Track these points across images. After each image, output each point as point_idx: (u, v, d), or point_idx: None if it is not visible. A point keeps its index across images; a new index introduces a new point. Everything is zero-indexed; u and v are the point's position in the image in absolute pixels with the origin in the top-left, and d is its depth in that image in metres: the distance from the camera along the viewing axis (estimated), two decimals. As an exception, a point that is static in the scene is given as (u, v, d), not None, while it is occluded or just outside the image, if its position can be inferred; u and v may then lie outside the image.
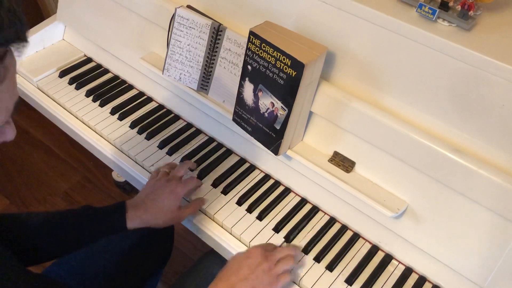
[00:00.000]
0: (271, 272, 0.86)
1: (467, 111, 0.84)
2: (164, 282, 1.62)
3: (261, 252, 0.87)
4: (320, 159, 0.99)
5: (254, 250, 0.88)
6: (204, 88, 1.12)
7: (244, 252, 0.89)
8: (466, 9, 0.81)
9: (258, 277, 0.84)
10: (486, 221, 0.83)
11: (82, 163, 2.10)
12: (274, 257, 0.88)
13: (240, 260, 0.86)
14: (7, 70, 0.50)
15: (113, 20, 1.29)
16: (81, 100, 1.26)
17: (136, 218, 0.94)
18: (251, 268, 0.84)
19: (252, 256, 0.86)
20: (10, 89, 0.52)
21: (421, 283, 0.92)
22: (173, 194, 0.97)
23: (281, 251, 0.90)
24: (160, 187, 0.98)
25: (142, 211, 0.95)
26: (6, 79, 0.50)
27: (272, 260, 0.87)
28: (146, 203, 0.96)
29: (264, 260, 0.86)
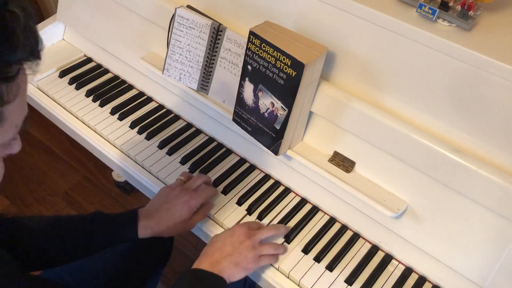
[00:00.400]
0: (254, 251, 0.88)
1: (467, 111, 0.84)
2: (164, 282, 1.63)
3: (244, 230, 0.90)
4: (320, 159, 0.99)
5: (238, 228, 0.90)
6: (204, 88, 1.12)
7: (228, 229, 0.92)
8: (466, 9, 0.81)
9: (242, 254, 0.86)
10: (486, 221, 0.83)
11: (82, 163, 2.10)
12: (257, 236, 0.90)
13: (225, 237, 0.89)
14: (19, 87, 0.49)
15: (113, 20, 1.29)
16: (81, 100, 1.26)
17: (148, 228, 0.93)
18: (235, 246, 0.87)
19: (236, 234, 0.89)
20: (21, 106, 0.52)
21: (421, 283, 0.92)
22: (187, 205, 0.96)
23: (266, 230, 0.93)
24: (174, 198, 0.97)
25: (155, 222, 0.93)
26: (17, 96, 0.49)
27: (256, 239, 0.89)
28: (160, 213, 0.95)
29: (247, 238, 0.89)
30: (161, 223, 0.94)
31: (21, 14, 0.47)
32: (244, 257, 0.86)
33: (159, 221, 0.94)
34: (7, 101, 0.47)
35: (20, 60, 0.48)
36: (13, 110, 0.49)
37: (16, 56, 0.46)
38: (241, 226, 0.91)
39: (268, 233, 0.93)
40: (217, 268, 0.83)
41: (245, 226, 0.91)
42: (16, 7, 0.46)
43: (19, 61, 0.48)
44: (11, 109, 0.49)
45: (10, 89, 0.47)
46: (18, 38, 0.46)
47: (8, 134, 0.51)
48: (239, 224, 0.93)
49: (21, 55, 0.47)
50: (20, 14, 0.47)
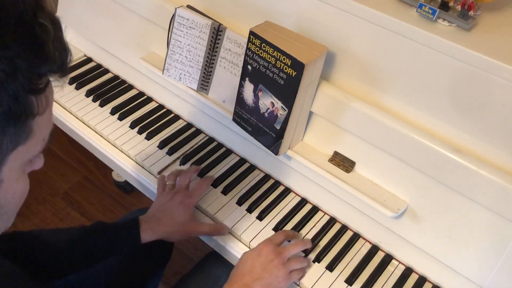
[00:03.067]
0: (284, 269, 0.86)
1: (467, 111, 0.84)
2: (164, 283, 1.62)
3: (272, 248, 0.87)
4: (320, 159, 0.99)
5: (265, 247, 0.87)
6: (204, 88, 1.12)
7: (254, 249, 0.89)
8: (466, 9, 0.81)
9: (272, 275, 0.84)
10: (486, 221, 0.83)
11: (82, 163, 2.10)
12: (286, 253, 0.88)
13: (253, 258, 0.86)
14: (47, 100, 0.49)
15: (113, 20, 1.29)
16: (81, 100, 1.26)
17: (149, 230, 0.93)
18: (264, 266, 0.84)
19: (263, 253, 0.86)
20: (48, 119, 0.51)
21: (421, 283, 0.92)
22: (183, 205, 0.96)
23: (293, 247, 0.90)
24: (168, 201, 0.97)
25: (155, 223, 0.94)
26: (46, 110, 0.49)
27: (284, 256, 0.87)
28: (158, 216, 0.95)
29: (276, 256, 0.86)
30: (161, 225, 0.94)
31: (50, 26, 0.46)
32: (275, 277, 0.84)
33: (159, 224, 0.94)
34: (37, 113, 0.47)
35: (50, 72, 0.47)
36: (42, 123, 0.48)
37: (46, 68, 0.46)
38: (268, 244, 0.88)
39: (296, 250, 0.91)
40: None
41: (272, 243, 0.88)
42: (45, 19, 0.46)
43: (49, 73, 0.47)
44: (39, 122, 0.48)
45: (40, 101, 0.47)
46: (48, 50, 0.45)
47: (37, 148, 0.50)
48: (264, 241, 0.89)
49: (51, 67, 0.46)
50: (50, 26, 0.46)
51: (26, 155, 0.49)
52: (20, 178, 0.51)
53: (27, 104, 0.45)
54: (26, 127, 0.46)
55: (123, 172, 1.14)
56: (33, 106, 0.46)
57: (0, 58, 0.42)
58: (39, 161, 0.54)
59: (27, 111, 0.45)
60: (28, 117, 0.46)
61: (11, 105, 0.43)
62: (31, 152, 0.49)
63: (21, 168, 0.50)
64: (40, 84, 0.46)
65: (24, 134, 0.46)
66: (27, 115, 0.45)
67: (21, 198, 0.52)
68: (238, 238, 0.98)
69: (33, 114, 0.46)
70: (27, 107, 0.45)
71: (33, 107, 0.46)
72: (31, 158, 0.51)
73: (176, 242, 1.12)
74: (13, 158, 0.47)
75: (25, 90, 0.44)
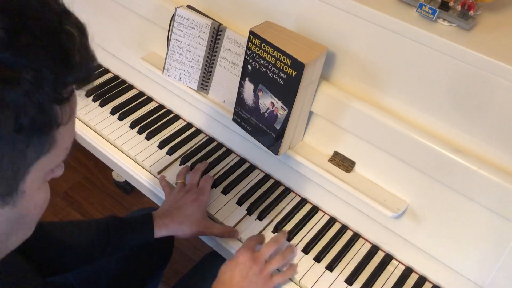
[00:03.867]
0: (263, 274, 0.85)
1: (467, 111, 0.84)
2: (164, 283, 1.62)
3: (248, 255, 0.86)
4: (320, 159, 0.99)
5: (241, 255, 0.86)
6: (204, 88, 1.12)
7: (232, 259, 0.87)
8: (466, 9, 0.81)
9: (252, 282, 0.84)
10: (486, 221, 0.83)
11: (82, 163, 2.10)
12: (262, 257, 0.87)
13: (231, 269, 0.85)
14: (71, 109, 0.47)
15: (113, 19, 1.29)
16: (81, 100, 1.25)
17: (163, 226, 0.93)
18: (243, 275, 0.84)
19: (240, 261, 0.85)
20: (71, 129, 0.49)
21: (421, 283, 0.92)
22: (196, 202, 0.97)
23: (267, 248, 0.89)
24: (181, 198, 0.98)
25: (169, 219, 0.94)
26: (71, 119, 0.47)
27: (261, 261, 0.86)
28: (171, 212, 0.96)
29: (253, 263, 0.85)
30: (175, 220, 0.94)
31: (76, 33, 0.45)
32: (255, 284, 0.84)
33: (172, 219, 0.94)
34: (60, 123, 0.45)
35: (75, 81, 0.46)
36: (65, 132, 0.47)
37: (72, 78, 0.44)
38: (244, 252, 0.87)
39: (270, 249, 0.89)
40: None
41: (247, 249, 0.87)
42: (71, 26, 0.45)
43: (74, 82, 0.46)
44: (62, 131, 0.46)
45: (64, 111, 0.45)
46: (74, 59, 0.44)
47: (60, 157, 0.48)
48: (240, 249, 0.88)
49: (77, 76, 0.45)
50: (76, 33, 0.45)
51: (48, 165, 0.47)
52: (42, 187, 0.49)
53: (52, 115, 0.43)
54: (49, 138, 0.45)
55: (123, 172, 1.14)
56: (57, 116, 0.44)
57: (27, 69, 0.40)
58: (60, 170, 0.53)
59: (51, 121, 0.44)
60: (53, 128, 0.44)
61: (36, 116, 0.41)
62: (53, 162, 0.48)
63: (43, 178, 0.49)
64: (65, 94, 0.44)
65: (47, 144, 0.45)
66: (52, 126, 0.44)
67: (42, 208, 0.51)
68: (238, 238, 0.98)
69: (58, 124, 0.45)
70: (52, 117, 0.43)
71: (57, 117, 0.44)
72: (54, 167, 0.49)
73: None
74: (35, 169, 0.46)
75: (50, 100, 0.42)
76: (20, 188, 0.46)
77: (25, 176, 0.45)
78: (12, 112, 0.40)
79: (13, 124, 0.40)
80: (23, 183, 0.46)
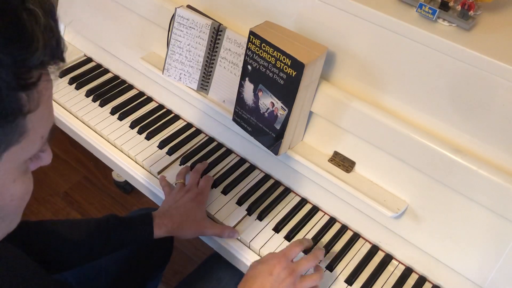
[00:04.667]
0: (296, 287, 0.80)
1: (467, 111, 0.84)
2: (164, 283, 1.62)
3: (284, 265, 0.80)
4: (320, 159, 0.99)
5: (277, 264, 0.81)
6: (204, 88, 1.12)
7: (265, 264, 0.82)
8: (466, 9, 0.81)
9: None
10: (486, 221, 0.83)
11: (82, 163, 2.10)
12: (298, 269, 0.81)
13: (263, 277, 0.79)
14: (41, 95, 0.43)
15: (113, 20, 1.29)
16: (81, 100, 1.26)
17: (162, 226, 0.93)
18: (274, 286, 0.78)
19: (275, 272, 0.79)
20: (45, 116, 0.46)
21: (421, 283, 0.92)
22: (195, 202, 0.97)
23: (306, 263, 0.84)
24: (181, 198, 0.98)
25: (168, 219, 0.94)
26: (40, 105, 0.43)
27: (297, 274, 0.81)
28: (171, 212, 0.96)
29: (288, 275, 0.79)
30: (175, 221, 0.94)
31: (40, 12, 0.41)
32: None
33: (172, 220, 0.94)
34: (28, 111, 0.42)
35: (41, 65, 0.42)
36: (37, 120, 0.44)
37: (36, 61, 0.41)
38: (280, 260, 0.81)
39: (308, 265, 0.84)
40: None
41: (285, 259, 0.81)
42: (34, 4, 0.41)
43: (40, 66, 0.42)
44: (34, 119, 0.43)
45: (31, 97, 0.42)
46: (37, 40, 0.40)
47: (35, 146, 0.46)
48: (276, 256, 0.83)
49: (41, 58, 0.41)
50: (39, 12, 0.41)
51: (22, 155, 0.45)
52: (18, 179, 0.47)
53: (14, 102, 0.40)
54: (17, 126, 0.42)
55: (123, 172, 1.14)
56: (22, 103, 0.41)
57: None
58: (47, 157, 0.51)
59: (15, 109, 0.41)
60: (17, 116, 0.41)
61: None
62: (28, 151, 0.46)
63: (19, 169, 0.47)
64: (30, 79, 0.41)
65: (15, 133, 0.42)
66: (16, 114, 0.41)
67: (22, 200, 0.49)
68: (238, 238, 0.98)
69: (23, 112, 0.41)
70: (15, 105, 0.40)
71: (22, 104, 0.41)
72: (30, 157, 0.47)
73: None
74: (6, 159, 0.43)
75: (11, 87, 0.39)
76: None
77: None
78: None
79: None
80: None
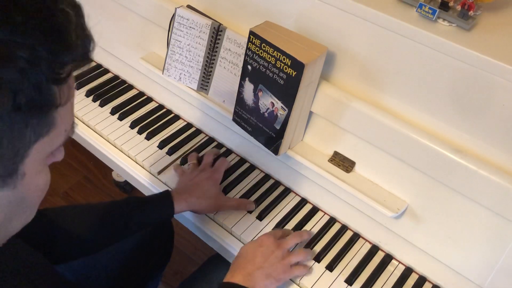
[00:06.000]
0: (284, 261, 0.87)
1: (467, 111, 0.84)
2: (164, 283, 1.63)
3: (273, 240, 0.88)
4: (320, 159, 0.99)
5: (266, 238, 0.89)
6: (204, 88, 1.12)
7: (255, 240, 0.90)
8: (466, 9, 0.81)
9: (273, 265, 0.85)
10: (486, 221, 0.83)
11: (82, 163, 2.10)
12: (286, 244, 0.89)
13: (254, 248, 0.87)
14: (70, 90, 0.47)
15: (113, 20, 1.29)
16: (81, 100, 1.26)
17: (182, 200, 0.95)
18: (265, 256, 0.85)
19: (265, 244, 0.87)
20: (70, 110, 0.49)
21: (421, 283, 0.92)
22: (212, 179, 1.01)
23: (292, 239, 0.91)
24: (196, 177, 1.01)
25: (187, 194, 0.97)
26: (69, 100, 0.47)
27: (285, 248, 0.88)
28: (189, 187, 0.99)
29: (277, 248, 0.87)
30: (193, 195, 0.97)
31: (72, 12, 0.45)
32: (275, 268, 0.85)
33: (191, 193, 0.97)
34: (59, 104, 0.45)
35: (73, 61, 0.45)
36: (64, 114, 0.47)
37: (69, 57, 0.44)
38: (268, 236, 0.89)
39: (295, 241, 0.92)
40: (250, 281, 0.82)
41: (272, 235, 0.90)
42: (66, 6, 0.44)
43: (72, 62, 0.45)
44: (62, 113, 0.46)
45: (62, 91, 0.45)
46: (70, 38, 0.43)
47: (59, 139, 0.49)
48: (265, 234, 0.91)
49: (73, 56, 0.44)
50: (71, 12, 0.45)
51: (48, 147, 0.48)
52: (42, 170, 0.50)
53: (50, 95, 0.43)
54: (49, 119, 0.45)
55: (123, 172, 1.14)
56: (56, 96, 0.44)
57: (22, 46, 0.40)
58: (60, 153, 0.53)
59: (50, 102, 0.44)
60: (51, 108, 0.44)
61: (34, 95, 0.42)
62: (54, 144, 0.48)
63: (44, 161, 0.49)
64: (62, 74, 0.44)
65: (47, 125, 0.45)
66: (50, 106, 0.44)
67: (43, 191, 0.52)
68: (238, 238, 0.98)
69: (56, 105, 0.44)
70: (50, 98, 0.43)
71: (56, 97, 0.44)
72: (54, 150, 0.49)
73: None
74: (35, 150, 0.46)
75: (48, 79, 0.42)
76: (20, 170, 0.46)
77: (25, 158, 0.45)
78: (9, 91, 0.40)
79: (11, 103, 0.40)
80: (23, 165, 0.46)
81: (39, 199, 0.52)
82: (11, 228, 0.51)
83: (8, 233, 0.51)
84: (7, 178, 0.45)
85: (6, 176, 0.45)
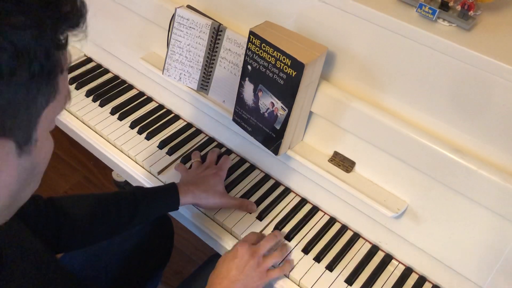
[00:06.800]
0: (260, 268, 0.87)
1: (467, 111, 0.84)
2: (164, 283, 1.62)
3: (246, 249, 0.88)
4: (320, 159, 0.99)
5: (240, 247, 0.88)
6: (204, 88, 1.12)
7: (230, 251, 0.90)
8: (466, 9, 0.81)
9: (248, 276, 0.86)
10: (486, 221, 0.83)
11: (82, 163, 2.10)
12: (260, 251, 0.89)
13: (228, 261, 0.87)
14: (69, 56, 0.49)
15: (113, 20, 1.29)
16: (81, 100, 1.26)
17: (188, 192, 0.96)
18: (240, 268, 0.86)
19: (239, 255, 0.87)
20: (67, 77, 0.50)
21: (421, 283, 0.92)
22: (217, 176, 1.02)
23: (265, 243, 0.91)
24: (201, 173, 1.03)
25: (193, 186, 0.98)
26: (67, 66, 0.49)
27: (259, 255, 0.88)
28: (195, 181, 1.00)
29: (251, 257, 0.87)
30: (200, 188, 0.98)
31: None
32: (251, 278, 0.86)
33: (197, 186, 0.98)
34: (63, 70, 0.47)
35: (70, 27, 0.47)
36: (63, 80, 0.49)
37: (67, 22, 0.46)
38: (242, 245, 0.89)
39: (268, 245, 0.92)
40: None
41: (246, 244, 0.89)
42: None
43: (70, 29, 0.47)
44: (62, 79, 0.48)
45: (64, 57, 0.47)
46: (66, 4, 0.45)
47: (61, 105, 0.50)
48: (240, 241, 0.91)
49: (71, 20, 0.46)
50: None
51: (54, 113, 0.49)
52: (48, 137, 0.51)
53: (56, 61, 0.45)
54: (55, 84, 0.46)
55: (123, 172, 1.14)
56: (60, 62, 0.46)
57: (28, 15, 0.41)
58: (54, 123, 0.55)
59: (56, 67, 0.45)
60: (57, 74, 0.46)
61: (44, 62, 0.43)
62: (58, 109, 0.50)
63: (49, 127, 0.50)
64: (63, 40, 0.46)
65: (54, 91, 0.46)
66: (57, 72, 0.45)
67: (49, 158, 0.53)
68: (238, 238, 0.98)
69: (61, 70, 0.46)
70: (56, 63, 0.45)
71: (60, 63, 0.46)
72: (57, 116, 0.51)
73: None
74: (44, 117, 0.47)
75: (53, 45, 0.44)
76: (34, 136, 0.47)
77: (37, 124, 0.47)
78: (26, 58, 0.41)
79: (28, 71, 0.42)
80: (35, 132, 0.47)
81: (46, 166, 0.53)
82: (24, 196, 0.52)
83: (20, 202, 0.52)
84: (24, 146, 0.46)
85: (24, 143, 0.46)
